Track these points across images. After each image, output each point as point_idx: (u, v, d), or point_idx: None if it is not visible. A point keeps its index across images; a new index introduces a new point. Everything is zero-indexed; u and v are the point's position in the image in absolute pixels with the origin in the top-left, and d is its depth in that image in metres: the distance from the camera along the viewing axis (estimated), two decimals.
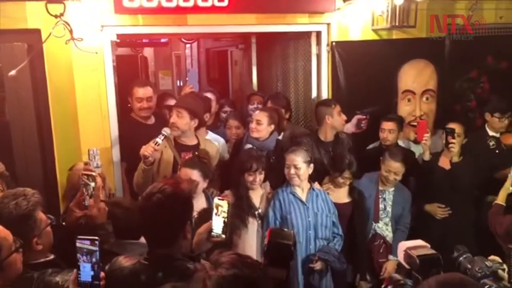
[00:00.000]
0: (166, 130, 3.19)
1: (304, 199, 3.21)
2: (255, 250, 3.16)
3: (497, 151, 4.01)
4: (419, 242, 1.84)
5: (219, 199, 1.93)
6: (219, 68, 7.29)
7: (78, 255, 1.60)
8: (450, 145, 3.59)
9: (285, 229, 1.70)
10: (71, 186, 2.77)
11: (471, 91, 4.50)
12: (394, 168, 3.47)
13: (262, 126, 3.51)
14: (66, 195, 2.86)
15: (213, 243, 1.92)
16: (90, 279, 1.60)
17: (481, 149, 3.96)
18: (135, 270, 1.70)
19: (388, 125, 3.86)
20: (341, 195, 3.43)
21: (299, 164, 3.16)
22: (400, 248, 1.81)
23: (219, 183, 3.51)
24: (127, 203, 2.42)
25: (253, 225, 3.19)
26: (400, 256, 1.81)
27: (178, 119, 3.27)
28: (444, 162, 3.74)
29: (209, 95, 4.41)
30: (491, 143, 4.04)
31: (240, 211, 3.14)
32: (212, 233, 1.90)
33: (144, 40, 7.27)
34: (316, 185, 3.33)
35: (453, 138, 3.59)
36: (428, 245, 1.81)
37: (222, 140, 3.92)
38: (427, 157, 3.70)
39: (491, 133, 4.07)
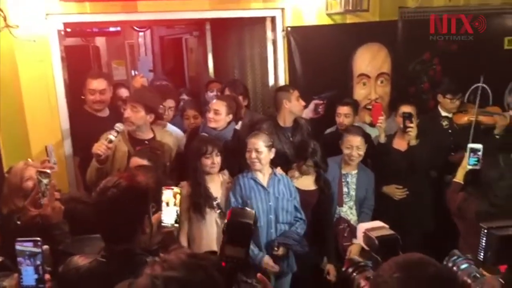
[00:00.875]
0: (119, 126, 3.06)
1: (265, 184, 3.19)
2: (214, 240, 3.11)
3: (450, 131, 4.13)
4: (377, 223, 1.85)
5: (168, 188, 1.87)
6: (174, 56, 7.15)
7: (20, 258, 1.52)
8: (408, 129, 3.65)
9: (247, 209, 1.68)
10: (11, 189, 2.54)
11: (424, 73, 4.60)
12: (356, 142, 3.48)
13: (220, 116, 3.45)
14: (5, 200, 2.56)
15: (164, 234, 1.87)
16: (34, 283, 1.53)
17: (435, 130, 4.06)
18: (92, 269, 1.62)
19: (343, 110, 3.89)
20: (308, 183, 3.43)
21: (261, 148, 3.13)
22: (359, 230, 1.82)
23: (176, 174, 3.43)
24: (85, 197, 2.33)
25: (211, 215, 3.14)
26: (360, 238, 1.82)
27: (133, 114, 3.15)
28: (399, 144, 3.82)
29: None
30: (444, 123, 4.15)
31: (198, 201, 3.08)
32: (163, 223, 1.84)
33: (94, 29, 7.02)
34: (278, 170, 3.32)
35: (411, 122, 3.66)
36: (387, 226, 1.82)
37: (180, 133, 3.84)
38: (382, 139, 3.77)
39: (443, 113, 4.17)
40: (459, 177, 3.30)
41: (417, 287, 1.20)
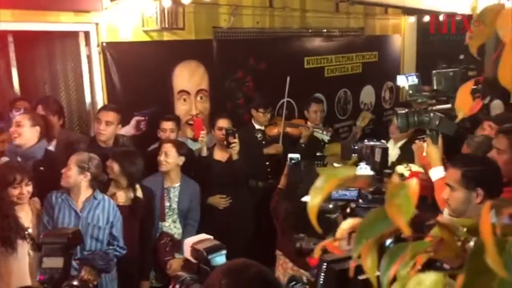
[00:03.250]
0: None
1: (78, 207, 2.98)
2: (26, 274, 2.79)
3: (264, 142, 4.50)
4: (202, 236, 1.93)
5: None
6: None
7: None
8: (232, 145, 3.86)
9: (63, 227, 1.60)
10: None
11: (239, 90, 4.92)
12: (165, 148, 3.53)
13: (22, 128, 3.15)
14: None
15: None
16: None
17: (250, 141, 4.38)
18: None
19: (168, 125, 3.93)
20: (127, 196, 3.35)
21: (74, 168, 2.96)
22: (186, 246, 1.86)
23: None
24: None
25: (23, 247, 2.81)
26: (188, 253, 1.86)
27: None
28: (220, 155, 4.02)
29: None
30: (258, 136, 4.51)
31: (7, 234, 2.73)
32: None
33: None
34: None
35: (234, 137, 3.86)
36: (211, 237, 1.91)
37: None
38: (204, 153, 3.93)
39: (257, 126, 4.53)
40: (282, 184, 3.62)
41: None
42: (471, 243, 0.48)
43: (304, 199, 2.95)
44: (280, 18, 5.25)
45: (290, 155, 3.60)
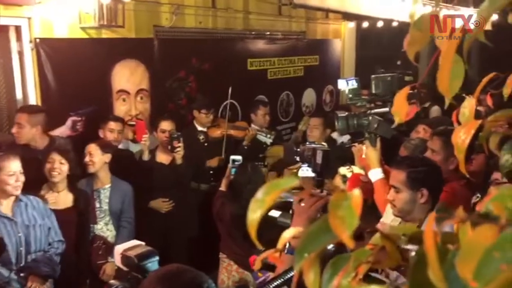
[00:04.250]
0: None
1: (9, 213, 2.82)
2: None
3: (206, 144, 4.44)
4: (133, 242, 1.87)
5: None
6: None
7: None
8: (177, 149, 3.78)
9: None
10: None
11: (181, 90, 4.84)
12: (89, 148, 3.43)
13: None
14: None
15: None
16: None
17: (192, 143, 4.32)
18: None
19: (116, 125, 3.83)
20: (62, 200, 3.20)
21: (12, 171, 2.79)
22: (117, 253, 1.80)
23: None
24: None
25: None
26: (118, 261, 1.80)
27: None
28: (162, 158, 3.93)
29: None
30: (200, 137, 4.45)
31: None
32: None
33: None
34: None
35: (179, 142, 3.79)
36: (143, 243, 1.85)
37: None
38: (146, 157, 3.82)
39: (199, 128, 4.47)
40: (223, 186, 3.60)
41: None
42: (413, 253, 0.47)
43: (272, 212, 2.96)
44: (223, 19, 5.22)
45: (232, 157, 3.58)
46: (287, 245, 1.68)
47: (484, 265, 0.37)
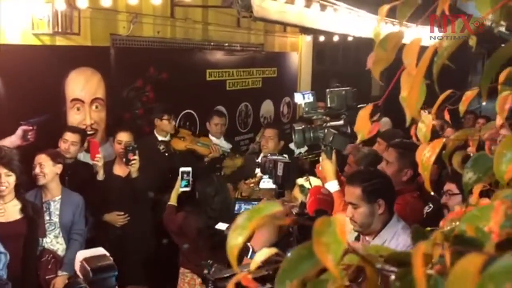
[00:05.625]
0: None
1: None
2: None
3: (166, 154, 4.37)
4: (98, 250, 1.81)
5: None
6: None
7: None
8: (132, 162, 3.70)
9: None
10: None
11: (138, 99, 4.76)
12: (39, 159, 3.34)
13: None
14: None
15: None
16: None
17: (152, 155, 4.24)
18: None
19: (70, 136, 3.71)
20: (10, 211, 3.06)
21: None
22: (78, 259, 1.74)
23: None
24: None
25: None
26: (77, 267, 1.74)
27: None
28: (120, 170, 3.84)
29: None
30: (161, 147, 4.38)
31: None
32: None
33: None
34: None
35: (134, 154, 3.71)
36: (107, 253, 1.80)
37: None
38: (101, 177, 3.73)
39: (160, 138, 4.40)
40: (172, 200, 3.54)
41: None
42: (393, 277, 0.47)
43: (219, 225, 2.92)
44: (182, 29, 5.20)
45: (182, 169, 3.54)
46: (250, 250, 1.68)
47: None
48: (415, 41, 0.66)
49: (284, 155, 2.64)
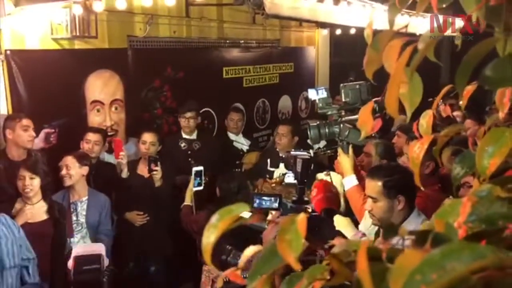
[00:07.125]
0: None
1: None
2: None
3: (189, 152, 4.42)
4: (94, 247, 1.85)
5: None
6: None
7: None
8: (154, 173, 3.75)
9: None
10: None
11: (156, 99, 4.83)
12: (66, 161, 3.41)
13: None
14: None
15: None
16: None
17: (174, 153, 4.29)
18: None
19: (92, 136, 3.81)
20: (37, 212, 3.15)
21: None
22: (74, 252, 1.79)
23: None
24: None
25: None
26: (70, 264, 1.79)
27: None
28: (143, 170, 3.90)
29: None
30: (182, 145, 4.43)
31: None
32: None
33: None
34: None
35: (156, 165, 3.75)
36: (102, 253, 1.84)
37: None
38: (125, 174, 3.80)
39: (184, 135, 4.45)
40: (187, 200, 3.54)
41: None
42: (356, 273, 0.50)
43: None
44: (198, 28, 5.23)
45: (194, 169, 3.53)
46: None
47: (408, 287, 0.40)
48: (395, 43, 0.67)
49: (309, 151, 2.62)
